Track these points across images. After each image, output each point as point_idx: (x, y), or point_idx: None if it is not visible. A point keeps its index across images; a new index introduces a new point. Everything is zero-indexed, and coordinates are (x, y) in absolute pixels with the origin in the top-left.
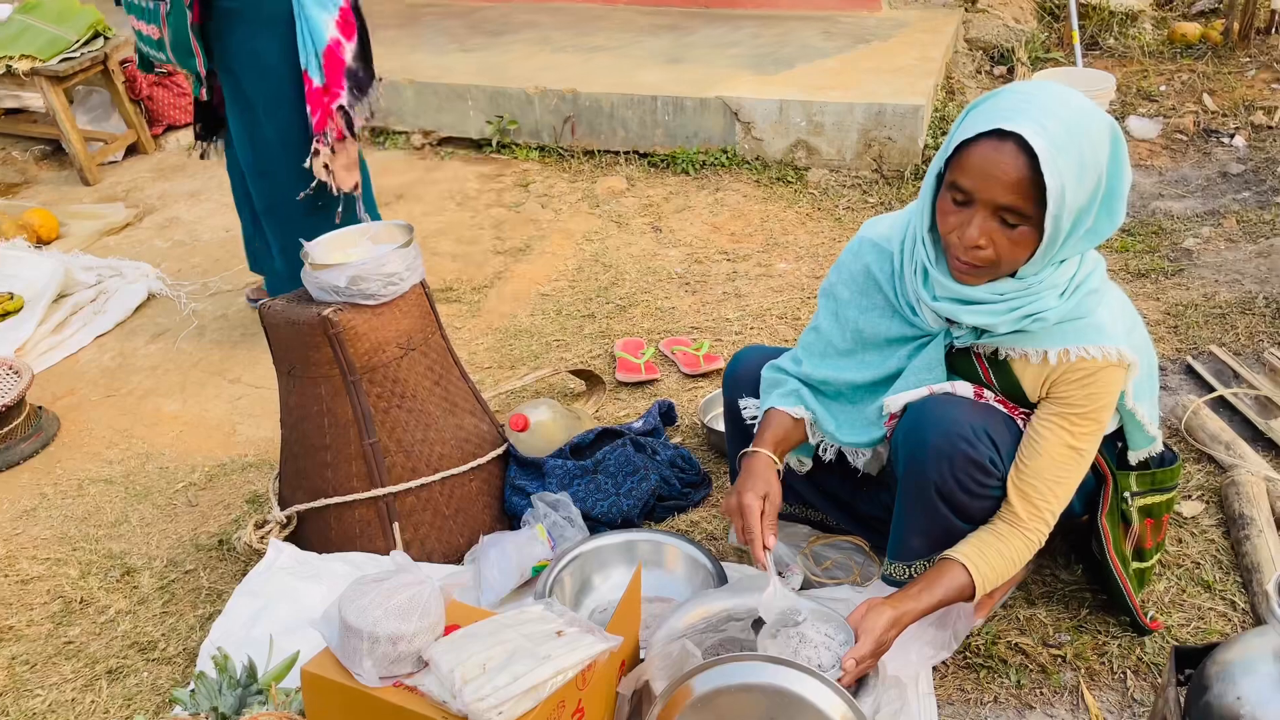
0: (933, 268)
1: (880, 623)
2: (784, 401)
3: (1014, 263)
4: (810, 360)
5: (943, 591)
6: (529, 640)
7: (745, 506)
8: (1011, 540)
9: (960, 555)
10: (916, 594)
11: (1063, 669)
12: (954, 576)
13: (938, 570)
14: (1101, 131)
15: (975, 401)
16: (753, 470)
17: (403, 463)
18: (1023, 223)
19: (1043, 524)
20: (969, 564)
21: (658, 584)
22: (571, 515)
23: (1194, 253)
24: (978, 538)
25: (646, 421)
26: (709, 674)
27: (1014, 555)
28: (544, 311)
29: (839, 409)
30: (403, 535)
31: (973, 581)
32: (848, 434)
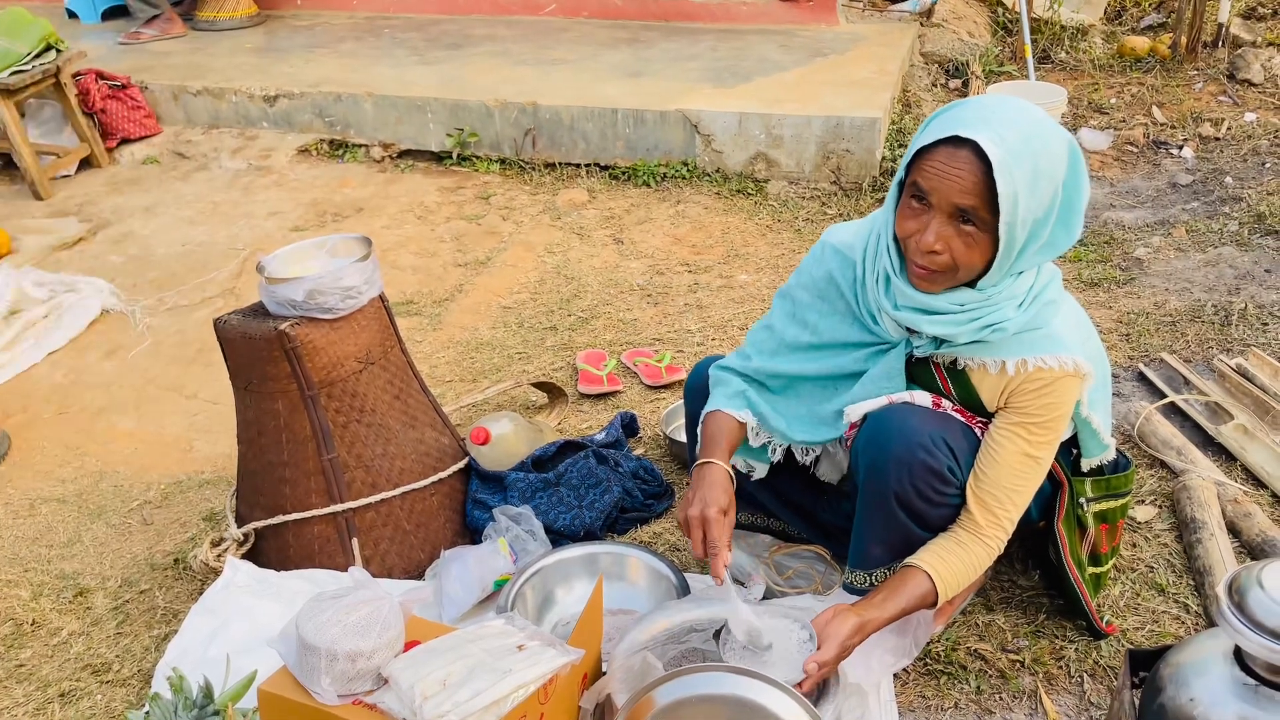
0: (896, 276)
1: (845, 629)
2: (730, 404)
3: (970, 269)
4: (761, 356)
5: (906, 599)
6: (490, 655)
7: (708, 519)
8: (972, 547)
9: (922, 563)
10: (880, 602)
11: (1021, 674)
12: (917, 584)
13: (900, 578)
14: (1059, 146)
15: (934, 410)
16: (710, 481)
17: (362, 478)
18: (977, 227)
19: (1002, 531)
20: (931, 571)
21: (620, 596)
22: (534, 528)
23: (1145, 262)
24: (939, 545)
25: (609, 433)
26: (670, 685)
27: (974, 562)
28: (505, 324)
29: (788, 405)
30: (363, 551)
31: (935, 588)
32: (798, 431)
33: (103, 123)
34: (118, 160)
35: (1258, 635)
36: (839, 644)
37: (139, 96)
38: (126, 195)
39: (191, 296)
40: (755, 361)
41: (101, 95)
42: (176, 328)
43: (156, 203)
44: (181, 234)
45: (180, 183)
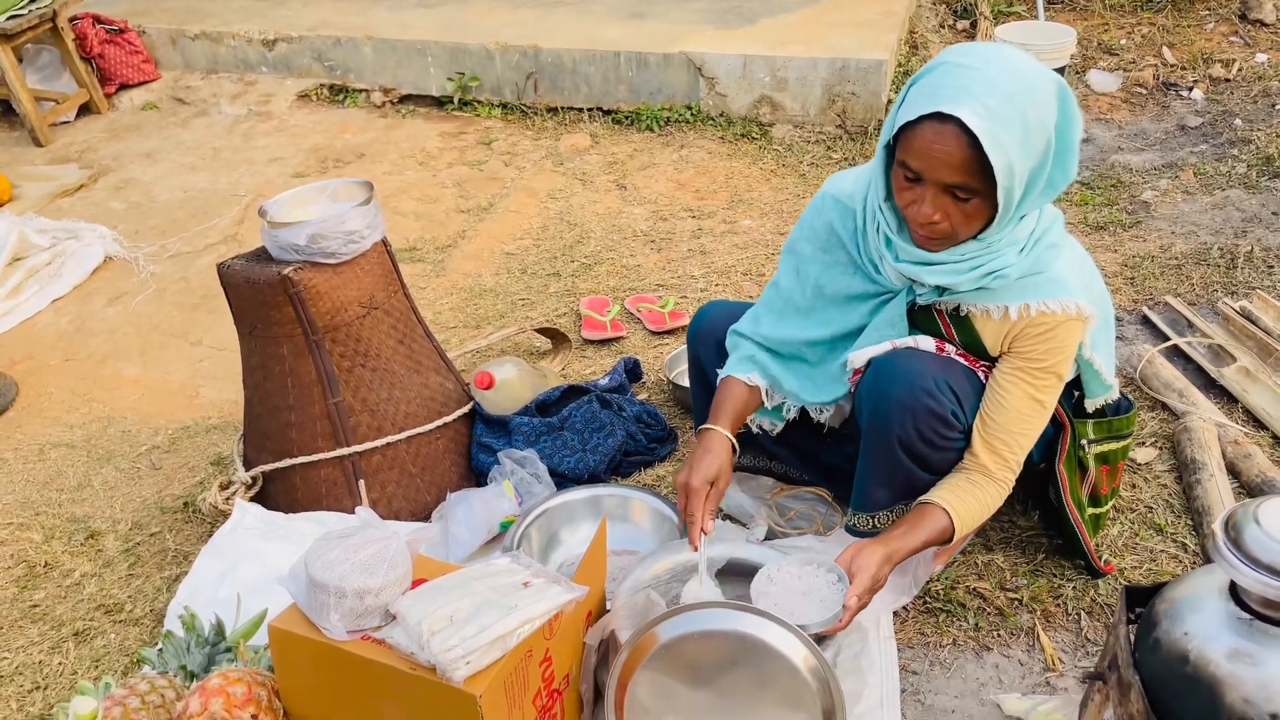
0: (895, 235)
1: (874, 560)
2: (740, 368)
3: (971, 230)
4: (769, 318)
5: (926, 532)
6: (496, 592)
7: (690, 488)
8: (985, 487)
9: (939, 499)
10: (903, 534)
11: (1019, 612)
12: (935, 519)
13: (919, 513)
14: (1047, 93)
15: (937, 355)
16: (707, 448)
17: (368, 422)
18: (974, 197)
19: (1010, 473)
20: (948, 507)
21: (624, 537)
22: (538, 472)
23: (1151, 205)
24: (954, 483)
25: (612, 378)
26: (673, 622)
27: (988, 501)
28: (508, 270)
29: (799, 369)
30: (370, 494)
31: (952, 524)
32: (810, 393)
33: (101, 68)
34: (117, 106)
35: (1253, 570)
36: (871, 575)
37: (137, 41)
38: (126, 141)
39: (194, 243)
40: (764, 325)
41: (99, 40)
42: (180, 274)
43: (157, 149)
44: (182, 180)
45: (180, 129)
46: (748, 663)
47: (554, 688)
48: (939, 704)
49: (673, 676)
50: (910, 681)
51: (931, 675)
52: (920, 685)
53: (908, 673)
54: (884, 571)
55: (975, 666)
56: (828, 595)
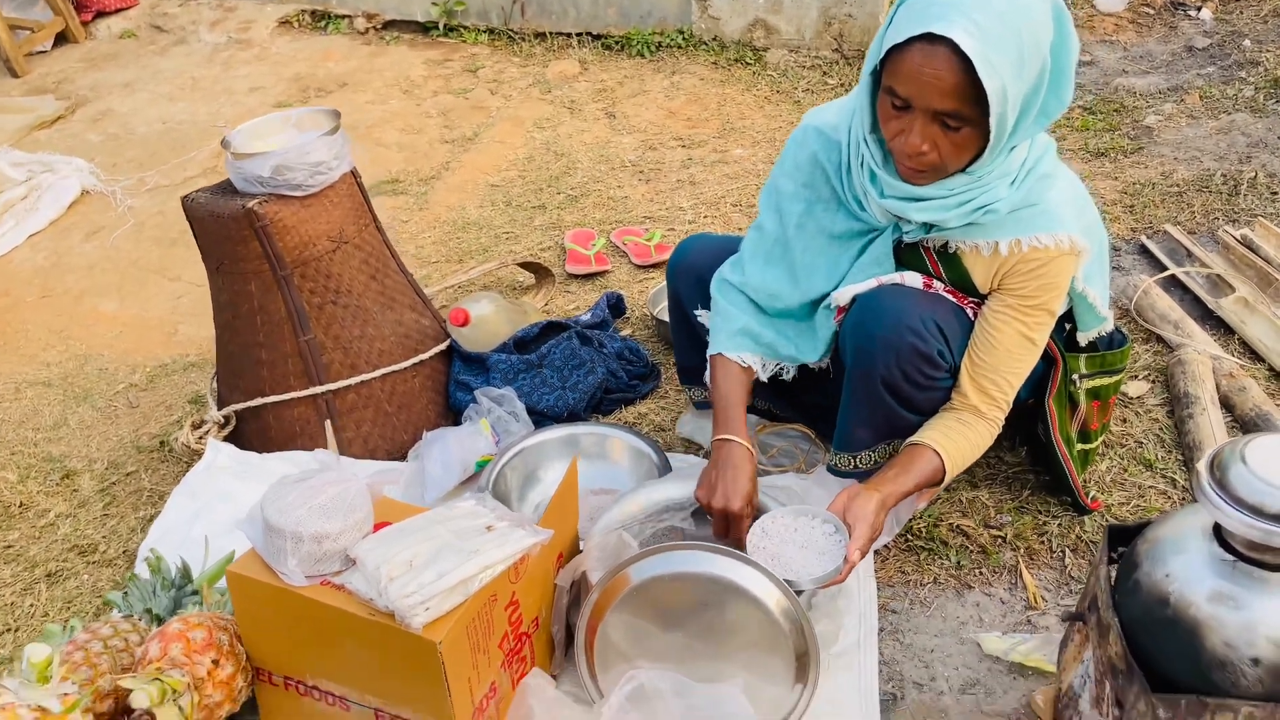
0: (879, 169)
1: (870, 508)
2: (732, 346)
3: (960, 162)
4: (754, 264)
5: (917, 475)
6: (457, 536)
7: (733, 515)
8: (976, 426)
9: (929, 440)
10: (894, 477)
11: (1002, 549)
12: (926, 460)
13: (909, 455)
14: (1042, 12)
15: (924, 292)
16: (734, 464)
17: (341, 360)
18: (965, 125)
19: (1000, 412)
20: (939, 449)
21: (601, 476)
22: (516, 410)
23: (1154, 130)
24: (943, 424)
25: (594, 314)
26: (645, 563)
27: (979, 441)
28: (493, 203)
29: (791, 329)
30: (345, 433)
31: (944, 465)
32: (809, 352)
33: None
34: (94, 34)
35: (1238, 511)
36: (869, 525)
37: None
38: (104, 71)
39: (173, 176)
40: (751, 273)
41: None
42: (158, 208)
43: (135, 79)
44: (161, 111)
45: (159, 57)
46: (720, 605)
47: (522, 631)
48: (918, 643)
49: (644, 618)
50: (889, 620)
51: (911, 614)
52: (899, 624)
53: (887, 611)
54: (880, 519)
55: (956, 605)
56: (825, 546)
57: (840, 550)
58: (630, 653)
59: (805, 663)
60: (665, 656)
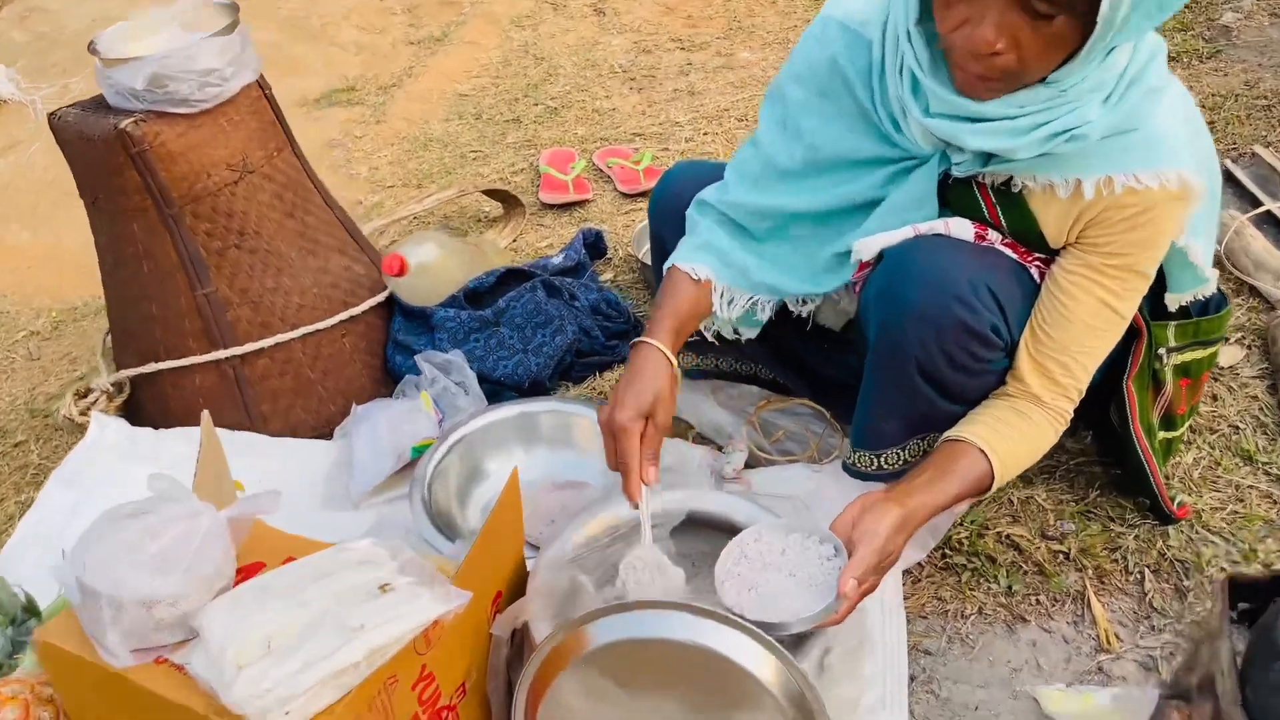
0: (924, 75)
1: (884, 525)
2: (687, 257)
3: (1045, 68)
4: (742, 185)
5: (959, 483)
6: (339, 602)
7: (618, 427)
8: (1036, 421)
9: (974, 436)
10: (927, 484)
11: (1065, 569)
12: (970, 464)
13: (947, 455)
14: None
15: (976, 246)
16: (637, 370)
17: (249, 317)
18: (1059, 14)
19: (1068, 403)
20: (987, 448)
21: (569, 466)
22: (465, 379)
23: (1233, 31)
24: (994, 415)
25: (567, 256)
26: (606, 624)
27: (1039, 441)
28: (460, 116)
29: (776, 250)
30: (260, 406)
31: (992, 471)
32: (792, 282)
33: None
34: None
35: None
36: (878, 549)
37: None
38: None
39: None
40: (734, 193)
41: None
42: None
43: None
44: (99, 7)
45: None
46: (701, 679)
47: (441, 706)
48: (958, 696)
49: (601, 691)
50: (922, 665)
51: (949, 656)
52: (935, 670)
53: (919, 653)
54: (897, 541)
55: (1007, 644)
56: (821, 576)
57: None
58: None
59: None
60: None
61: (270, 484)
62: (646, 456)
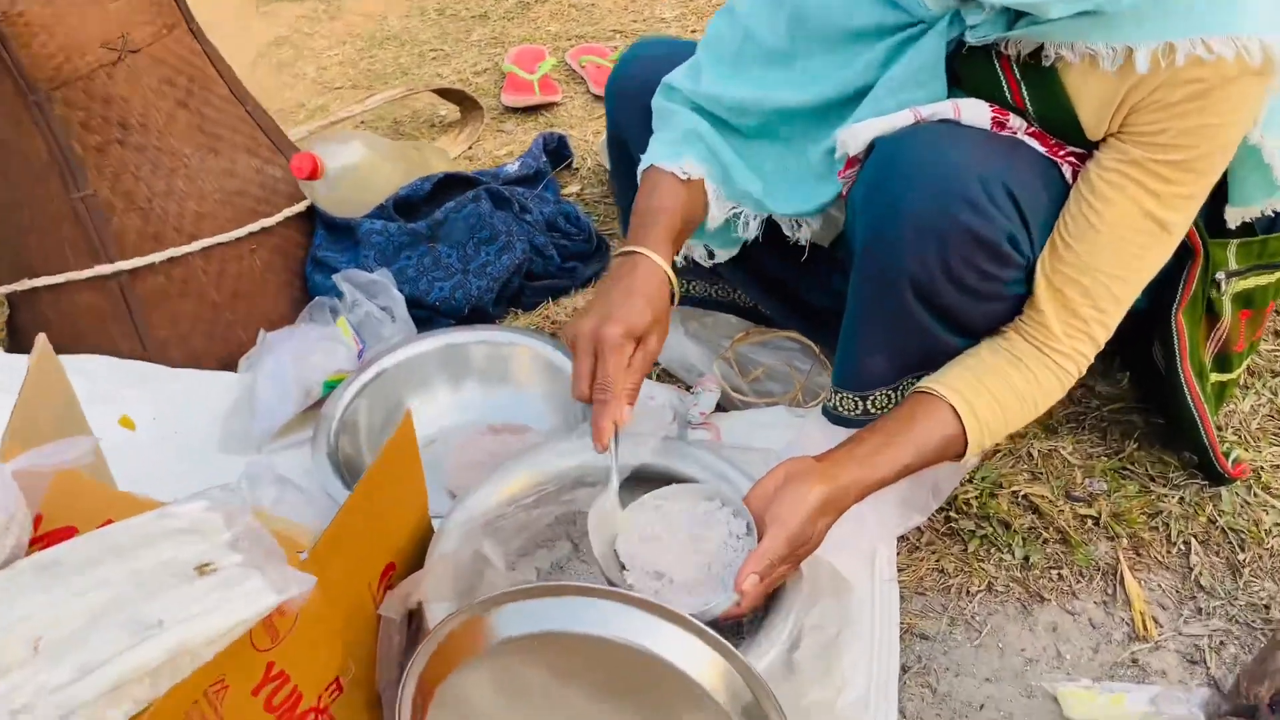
0: None
1: (802, 508)
2: (668, 153)
3: None
4: (719, 69)
5: (915, 449)
6: (139, 586)
7: (606, 344)
8: (1034, 370)
9: (946, 389)
10: (871, 452)
11: (1094, 537)
12: (934, 426)
13: (908, 412)
14: None
15: (992, 135)
16: (630, 286)
17: (138, 226)
18: None
19: (1088, 344)
20: (961, 407)
21: (507, 406)
22: (392, 304)
23: None
24: (977, 362)
25: (524, 164)
26: (510, 612)
27: (1034, 395)
28: (423, 11)
29: (764, 155)
30: (156, 331)
31: (963, 433)
32: (782, 198)
33: None
34: None
35: None
36: (789, 536)
37: None
38: None
39: None
40: (708, 80)
41: None
42: None
43: None
44: None
45: None
46: (635, 681)
47: (305, 710)
48: (959, 691)
49: (508, 691)
50: (917, 653)
51: (951, 643)
52: (932, 659)
53: (914, 638)
54: (816, 526)
55: (1021, 628)
56: (730, 558)
57: None
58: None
59: None
60: None
61: (167, 421)
62: (625, 389)
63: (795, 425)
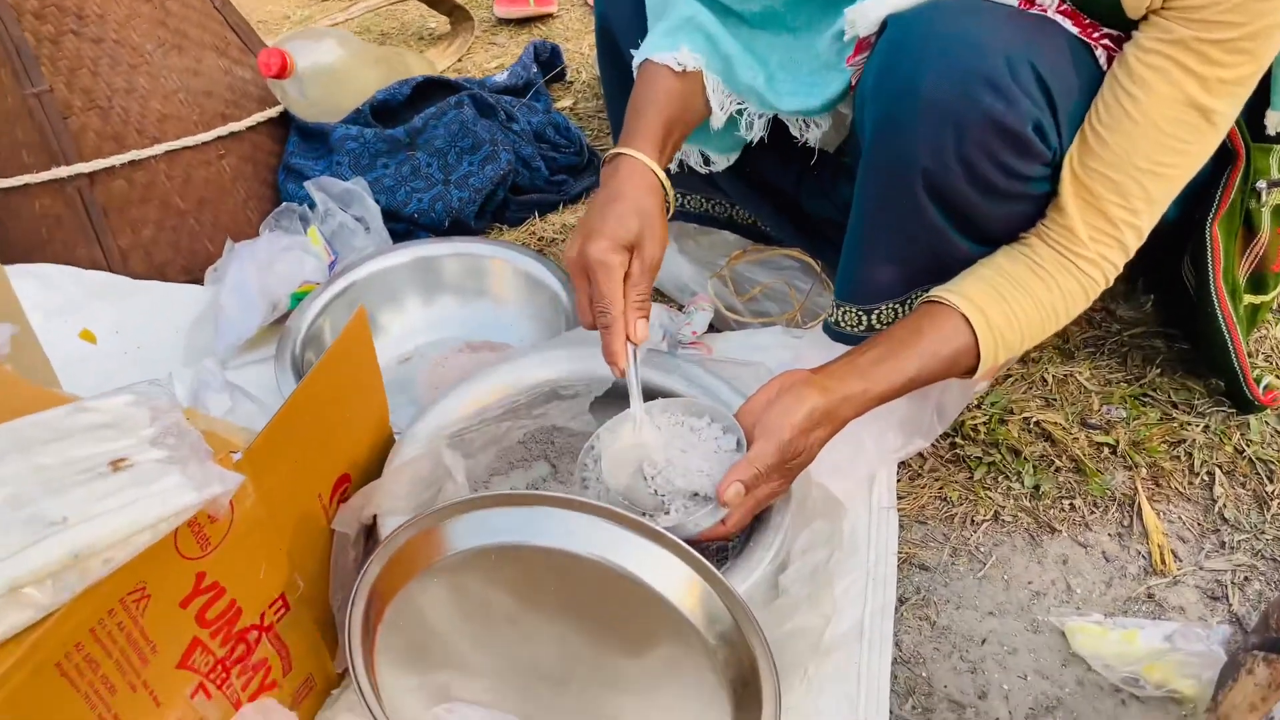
0: None
1: (795, 417)
2: (665, 43)
3: None
4: None
5: (920, 361)
6: (42, 482)
7: (593, 263)
8: (1056, 277)
9: (957, 297)
10: (872, 363)
11: (1110, 467)
12: (944, 338)
13: (915, 322)
14: None
15: (1019, 12)
16: (616, 192)
17: (97, 127)
18: None
19: (1117, 250)
20: (973, 315)
21: (485, 323)
22: (366, 214)
23: None
24: (993, 270)
25: (513, 74)
26: (465, 523)
27: (1054, 304)
28: None
29: (769, 46)
30: (118, 239)
31: (975, 344)
32: (788, 93)
33: None
34: None
35: None
36: (780, 444)
37: None
38: None
39: None
40: None
41: None
42: None
43: None
44: None
45: None
46: (603, 600)
47: (244, 628)
48: (960, 624)
49: (465, 611)
50: (916, 584)
51: (953, 574)
52: (932, 590)
53: (913, 568)
54: (810, 439)
55: (1028, 560)
56: (714, 471)
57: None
58: (442, 664)
59: (750, 696)
60: (503, 677)
61: (128, 334)
62: (633, 304)
63: (792, 346)
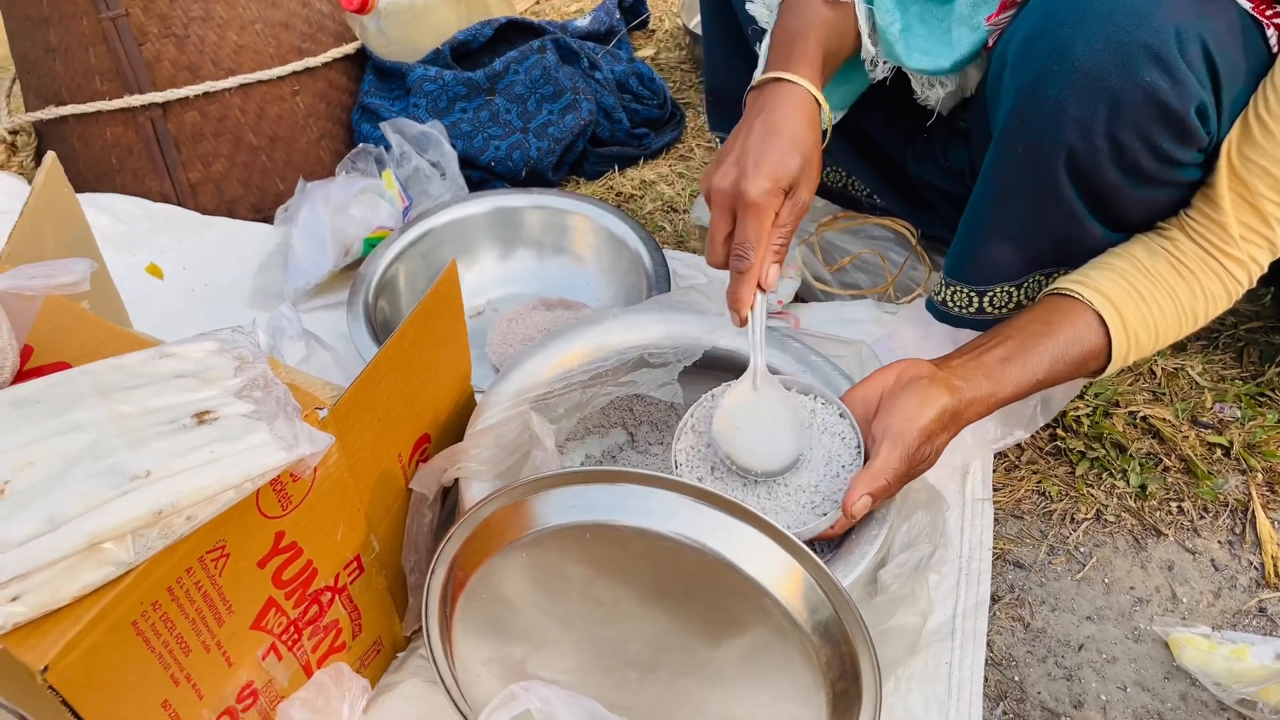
0: None
1: (924, 419)
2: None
3: None
4: None
5: (1049, 362)
6: (123, 431)
7: (749, 202)
8: (1199, 276)
9: (1092, 292)
10: (999, 363)
11: (1222, 469)
12: (1074, 334)
13: (1043, 316)
14: None
15: None
16: (775, 124)
17: (172, 56)
18: None
19: (1265, 250)
20: (1107, 313)
21: (563, 280)
22: (443, 159)
23: None
24: (1129, 263)
25: (596, 18)
26: (557, 498)
27: (1194, 308)
28: None
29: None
30: (189, 172)
31: (1107, 346)
32: (918, 49)
33: None
34: None
35: None
36: (907, 452)
37: None
38: None
39: None
40: None
41: None
42: None
43: None
44: None
45: None
46: (697, 587)
47: (318, 589)
48: (1056, 628)
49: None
50: (1010, 582)
51: (1049, 574)
52: (1028, 590)
53: (1007, 565)
54: (938, 442)
55: (1131, 564)
56: (821, 467)
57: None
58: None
59: (849, 697)
60: (587, 659)
61: (195, 270)
62: (772, 248)
63: (885, 322)
